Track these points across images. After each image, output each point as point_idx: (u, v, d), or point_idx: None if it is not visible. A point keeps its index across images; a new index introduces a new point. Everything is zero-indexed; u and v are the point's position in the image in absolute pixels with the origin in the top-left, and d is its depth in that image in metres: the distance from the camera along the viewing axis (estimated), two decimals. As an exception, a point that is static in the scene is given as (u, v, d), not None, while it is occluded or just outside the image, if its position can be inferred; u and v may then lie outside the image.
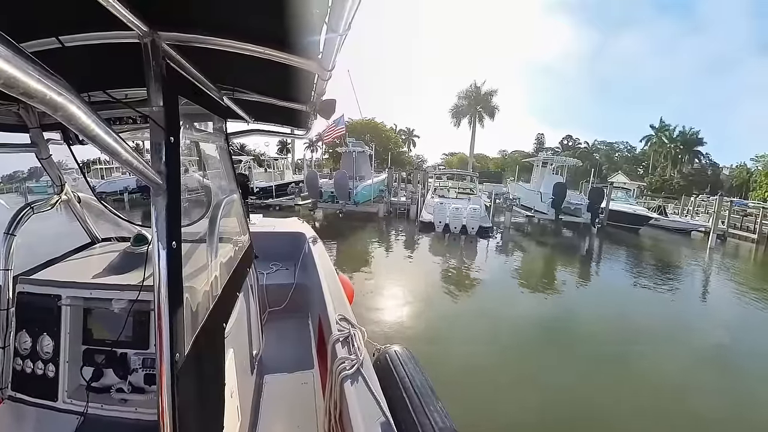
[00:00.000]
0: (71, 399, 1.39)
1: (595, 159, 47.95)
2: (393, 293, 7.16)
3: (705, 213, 22.51)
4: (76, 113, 0.54)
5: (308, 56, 1.03)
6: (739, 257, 14.62)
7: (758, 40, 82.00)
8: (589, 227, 16.39)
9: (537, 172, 21.19)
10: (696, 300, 8.69)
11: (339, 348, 1.76)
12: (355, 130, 33.84)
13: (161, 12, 0.83)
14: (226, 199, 1.66)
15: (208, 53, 1.01)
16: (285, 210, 16.56)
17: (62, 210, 1.74)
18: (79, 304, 1.43)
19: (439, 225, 13.29)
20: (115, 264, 1.58)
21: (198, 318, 1.11)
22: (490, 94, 40.53)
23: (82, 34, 0.92)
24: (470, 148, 43.78)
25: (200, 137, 1.66)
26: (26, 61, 0.43)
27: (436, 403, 1.68)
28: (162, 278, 0.83)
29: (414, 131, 52.40)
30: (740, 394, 4.48)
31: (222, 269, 1.43)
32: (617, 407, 4.04)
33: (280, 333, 2.97)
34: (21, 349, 1.42)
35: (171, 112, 0.89)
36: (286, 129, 2.44)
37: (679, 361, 5.23)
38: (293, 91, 1.53)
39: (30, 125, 1.51)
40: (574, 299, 8.01)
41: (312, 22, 0.84)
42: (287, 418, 2.12)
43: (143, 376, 1.40)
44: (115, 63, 1.12)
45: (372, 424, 1.32)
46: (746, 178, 36.55)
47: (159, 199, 0.85)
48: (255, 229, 2.40)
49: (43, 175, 1.69)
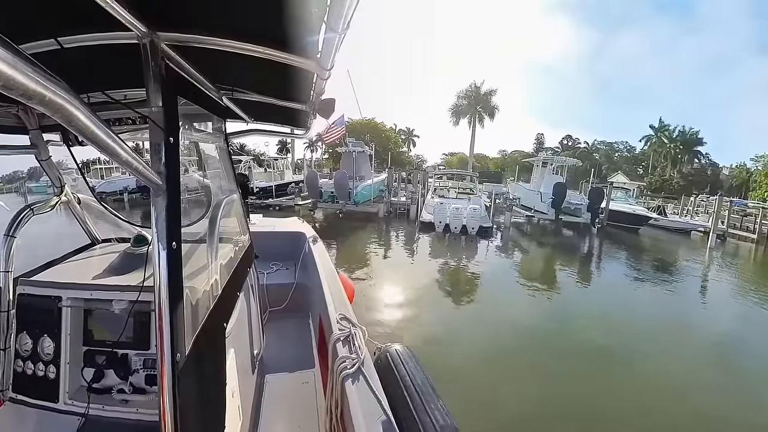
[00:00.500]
0: (72, 400, 1.39)
1: (595, 159, 47.94)
2: (398, 293, 7.16)
3: (705, 213, 22.48)
4: (76, 114, 0.54)
5: (307, 56, 1.03)
6: (739, 257, 14.61)
7: (758, 40, 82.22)
8: (589, 227, 16.37)
9: (537, 172, 21.17)
10: (698, 299, 8.70)
11: (340, 347, 1.76)
12: (354, 130, 33.81)
13: (160, 12, 0.83)
14: (226, 199, 1.66)
15: (206, 53, 1.01)
16: (285, 210, 16.54)
17: (62, 211, 1.74)
18: (80, 305, 1.44)
19: (440, 225, 13.27)
20: (116, 265, 1.59)
21: (199, 318, 1.11)
22: (490, 93, 40.52)
23: (80, 35, 0.92)
24: (470, 148, 43.77)
25: (200, 137, 1.66)
26: (25, 62, 0.43)
27: (437, 401, 1.68)
28: (162, 279, 0.83)
29: (414, 131, 52.54)
30: (742, 393, 4.49)
31: (222, 269, 1.43)
32: (616, 404, 4.05)
33: (281, 332, 2.97)
34: (22, 351, 1.42)
35: (170, 113, 0.89)
36: (286, 129, 2.44)
37: (682, 360, 5.23)
38: (292, 91, 1.53)
39: (29, 127, 1.51)
40: (577, 299, 8.01)
41: (311, 22, 0.84)
42: (288, 418, 2.13)
43: (144, 377, 1.41)
44: (114, 64, 1.12)
45: (373, 422, 1.32)
46: (746, 178, 36.52)
47: (159, 199, 0.85)
48: (255, 229, 2.40)
49: (43, 176, 1.69)
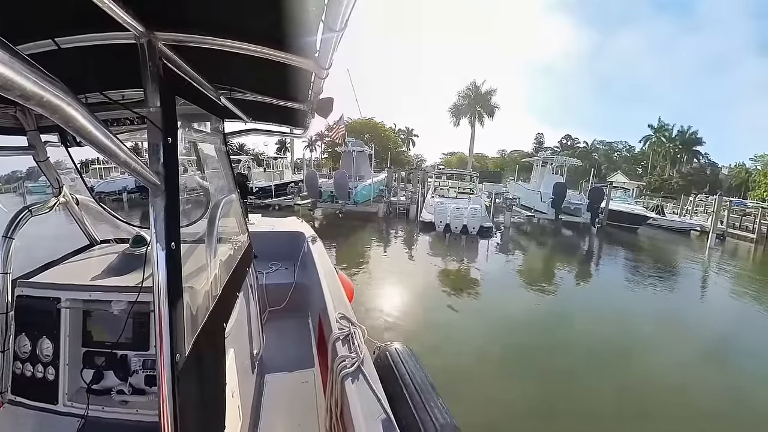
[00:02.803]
0: (71, 402, 1.39)
1: (594, 159, 47.95)
2: (403, 294, 7.15)
3: (704, 213, 22.50)
4: (73, 115, 0.54)
5: (305, 55, 1.03)
6: (738, 256, 14.63)
7: (758, 39, 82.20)
8: (589, 227, 16.37)
9: (537, 172, 21.14)
10: (699, 298, 8.74)
11: (339, 346, 1.76)
12: (354, 129, 33.83)
13: (157, 12, 0.83)
14: (225, 199, 1.66)
15: (204, 53, 1.01)
16: (284, 210, 16.52)
17: (60, 212, 1.73)
18: (79, 306, 1.43)
19: (440, 225, 13.25)
20: (114, 266, 1.58)
21: (198, 318, 1.11)
22: (490, 93, 40.49)
23: (78, 35, 0.92)
24: (470, 148, 43.73)
25: (198, 137, 1.65)
26: (22, 63, 0.43)
27: (437, 399, 1.69)
28: (161, 279, 0.83)
29: (413, 131, 52.55)
30: (740, 390, 4.51)
31: (221, 269, 1.43)
32: (617, 403, 4.06)
33: (281, 332, 2.97)
34: (21, 353, 1.42)
35: (168, 113, 0.89)
36: (284, 128, 2.43)
37: (683, 358, 5.26)
38: (290, 90, 1.52)
39: (27, 128, 1.50)
40: (581, 298, 8.05)
41: (308, 21, 0.84)
42: (288, 417, 2.12)
43: (144, 378, 1.40)
44: (112, 64, 1.11)
45: (373, 421, 1.33)
46: (745, 177, 36.55)
47: (157, 200, 0.84)
48: (254, 229, 2.39)
49: (42, 176, 1.68)
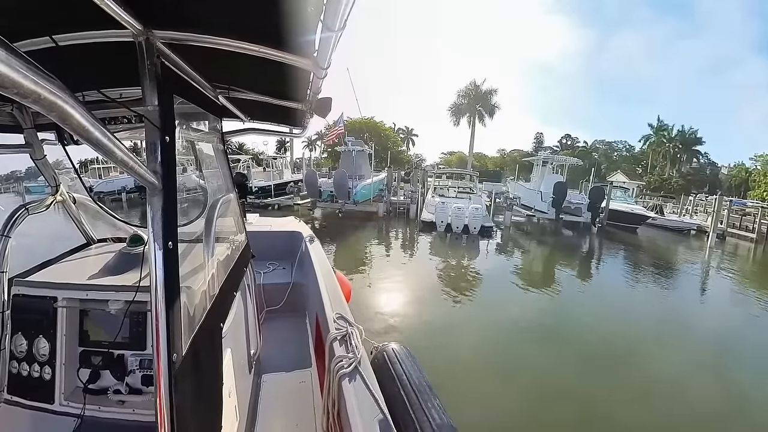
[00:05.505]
0: (68, 401, 1.38)
1: (594, 158, 47.95)
2: (408, 292, 7.14)
3: (703, 212, 22.51)
4: (71, 113, 0.54)
5: (303, 54, 1.02)
6: (739, 256, 14.66)
7: (758, 40, 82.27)
8: (589, 227, 16.37)
9: (537, 172, 21.13)
10: (700, 298, 8.77)
11: (337, 346, 1.76)
12: (354, 129, 33.77)
13: (155, 10, 0.82)
14: (223, 198, 1.65)
15: (202, 52, 1.00)
16: (284, 209, 16.51)
17: (57, 211, 1.73)
18: (76, 305, 1.43)
19: (441, 225, 13.22)
20: (112, 265, 1.58)
21: (195, 318, 1.10)
22: (490, 92, 40.45)
23: (75, 33, 0.92)
24: (470, 147, 43.69)
25: (196, 136, 1.65)
26: (20, 60, 0.43)
27: (434, 399, 1.69)
28: (158, 279, 0.83)
29: (413, 130, 52.52)
30: (738, 390, 4.52)
31: (219, 269, 1.43)
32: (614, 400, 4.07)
33: (278, 332, 2.97)
34: (17, 352, 1.41)
35: (166, 112, 0.89)
36: (282, 128, 2.42)
37: (684, 357, 5.28)
38: (289, 90, 1.52)
39: (24, 126, 1.50)
40: (583, 298, 8.06)
41: (307, 20, 0.83)
42: (286, 417, 2.12)
43: (140, 377, 1.40)
44: (110, 62, 1.11)
45: (370, 421, 1.33)
46: (745, 177, 36.53)
47: (155, 199, 0.84)
48: (252, 229, 2.39)
49: (40, 175, 1.68)
